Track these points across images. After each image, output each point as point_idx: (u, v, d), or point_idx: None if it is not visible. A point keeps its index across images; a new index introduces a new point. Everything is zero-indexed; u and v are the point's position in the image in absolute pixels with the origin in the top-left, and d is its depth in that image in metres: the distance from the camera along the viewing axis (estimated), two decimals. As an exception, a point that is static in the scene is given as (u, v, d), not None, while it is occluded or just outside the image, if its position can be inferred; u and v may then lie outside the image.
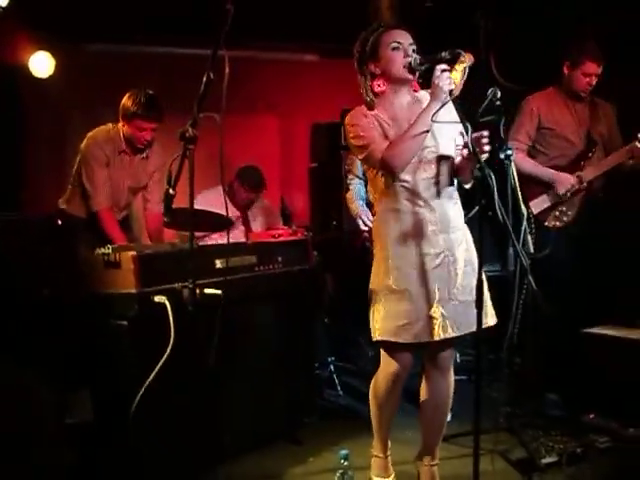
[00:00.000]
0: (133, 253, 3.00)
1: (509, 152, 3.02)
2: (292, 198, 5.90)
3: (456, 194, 2.95)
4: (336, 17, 5.01)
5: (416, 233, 2.82)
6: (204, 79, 2.45)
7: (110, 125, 4.09)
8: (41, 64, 4.96)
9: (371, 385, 3.06)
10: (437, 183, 2.85)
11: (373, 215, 3.08)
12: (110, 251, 3.03)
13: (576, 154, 4.06)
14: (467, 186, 2.91)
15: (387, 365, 2.93)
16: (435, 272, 2.82)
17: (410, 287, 2.80)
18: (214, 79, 2.47)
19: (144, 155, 4.14)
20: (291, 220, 4.53)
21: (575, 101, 4.09)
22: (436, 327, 2.78)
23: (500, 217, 2.57)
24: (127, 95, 3.97)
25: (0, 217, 4.08)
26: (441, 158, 2.85)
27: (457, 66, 2.73)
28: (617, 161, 3.92)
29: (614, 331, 3.80)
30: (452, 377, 3.04)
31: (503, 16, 4.70)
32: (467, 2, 4.61)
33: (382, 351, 2.94)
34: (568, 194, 4.00)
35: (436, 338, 2.79)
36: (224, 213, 3.15)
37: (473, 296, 2.60)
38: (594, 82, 3.97)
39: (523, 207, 3.16)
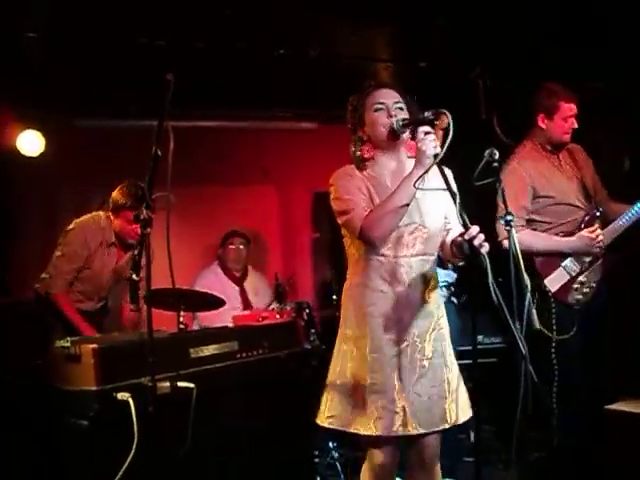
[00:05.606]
0: (94, 346, 2.74)
1: (509, 217, 2.67)
2: (295, 271, 5.62)
3: (436, 275, 2.66)
4: (333, 82, 4.83)
5: (385, 315, 2.53)
6: (152, 155, 2.21)
7: (102, 214, 3.87)
8: (30, 142, 4.81)
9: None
10: (419, 262, 2.57)
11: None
12: (69, 344, 2.77)
13: (582, 216, 3.55)
14: (460, 263, 2.63)
15: (369, 455, 2.60)
16: (397, 360, 2.51)
17: (372, 374, 2.51)
18: (200, 153, 2.25)
19: None
20: (285, 299, 4.22)
21: (556, 154, 3.62)
22: (397, 422, 2.48)
23: (494, 297, 2.24)
24: (117, 188, 3.79)
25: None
26: (426, 234, 2.57)
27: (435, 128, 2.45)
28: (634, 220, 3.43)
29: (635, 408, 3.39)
30: (438, 474, 2.69)
31: (505, 72, 4.45)
32: (464, 60, 4.37)
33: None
34: (587, 263, 3.49)
35: (397, 433, 2.48)
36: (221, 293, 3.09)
37: (439, 391, 2.48)
38: (575, 124, 3.53)
39: (526, 277, 2.78)
